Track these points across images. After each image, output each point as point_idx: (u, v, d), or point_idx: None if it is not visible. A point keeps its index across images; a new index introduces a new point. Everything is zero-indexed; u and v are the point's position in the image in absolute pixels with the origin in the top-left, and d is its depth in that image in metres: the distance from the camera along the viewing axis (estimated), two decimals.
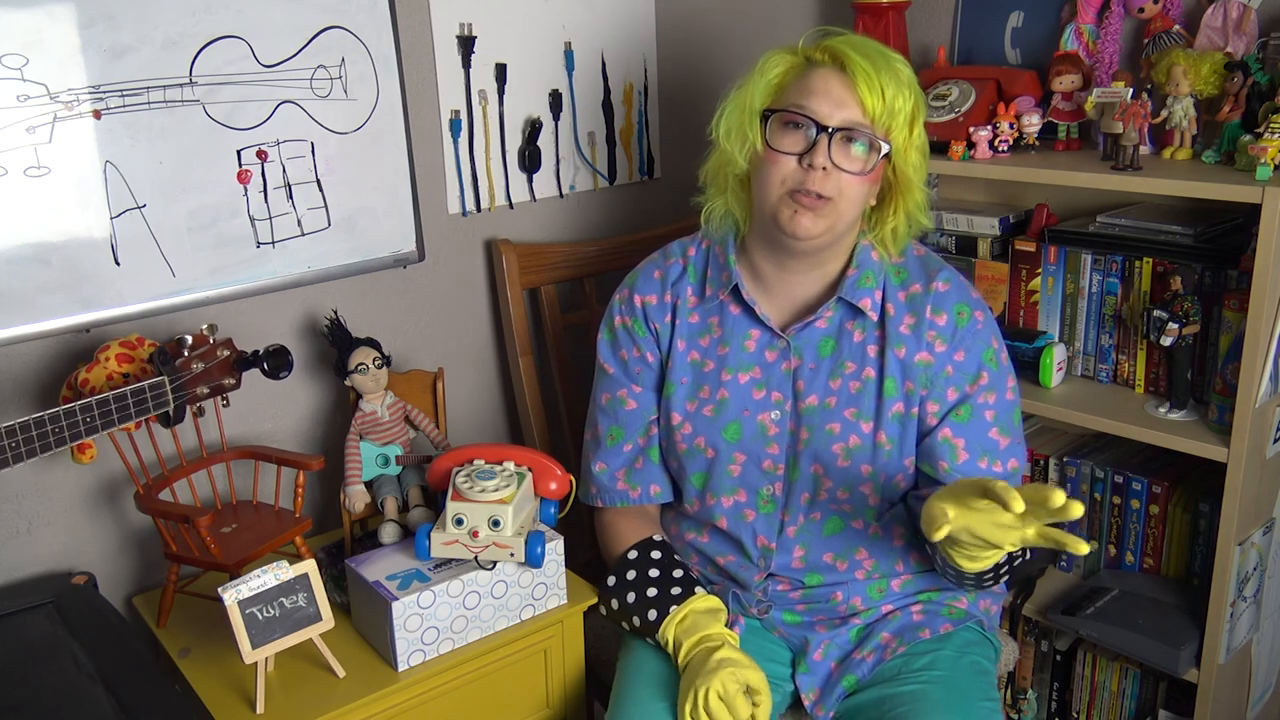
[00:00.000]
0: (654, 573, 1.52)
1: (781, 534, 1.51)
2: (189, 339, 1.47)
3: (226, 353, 1.50)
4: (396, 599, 1.44)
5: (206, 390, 1.48)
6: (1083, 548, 1.15)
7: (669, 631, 1.47)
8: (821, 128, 1.38)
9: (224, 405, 1.54)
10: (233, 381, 1.52)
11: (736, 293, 1.52)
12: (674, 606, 1.48)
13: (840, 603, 1.52)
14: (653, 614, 1.49)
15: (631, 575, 1.53)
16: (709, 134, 1.51)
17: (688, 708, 1.36)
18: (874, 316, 1.48)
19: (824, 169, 1.38)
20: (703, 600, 1.49)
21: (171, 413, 1.43)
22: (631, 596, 1.52)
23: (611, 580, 1.55)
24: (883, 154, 1.41)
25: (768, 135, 1.42)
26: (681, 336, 1.56)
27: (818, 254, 1.47)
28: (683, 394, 1.55)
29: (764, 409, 1.50)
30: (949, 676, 1.45)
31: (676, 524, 1.63)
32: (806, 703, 1.50)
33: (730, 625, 1.52)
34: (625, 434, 1.60)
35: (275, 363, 1.51)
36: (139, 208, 1.58)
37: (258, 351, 1.52)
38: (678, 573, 1.52)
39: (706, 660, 1.39)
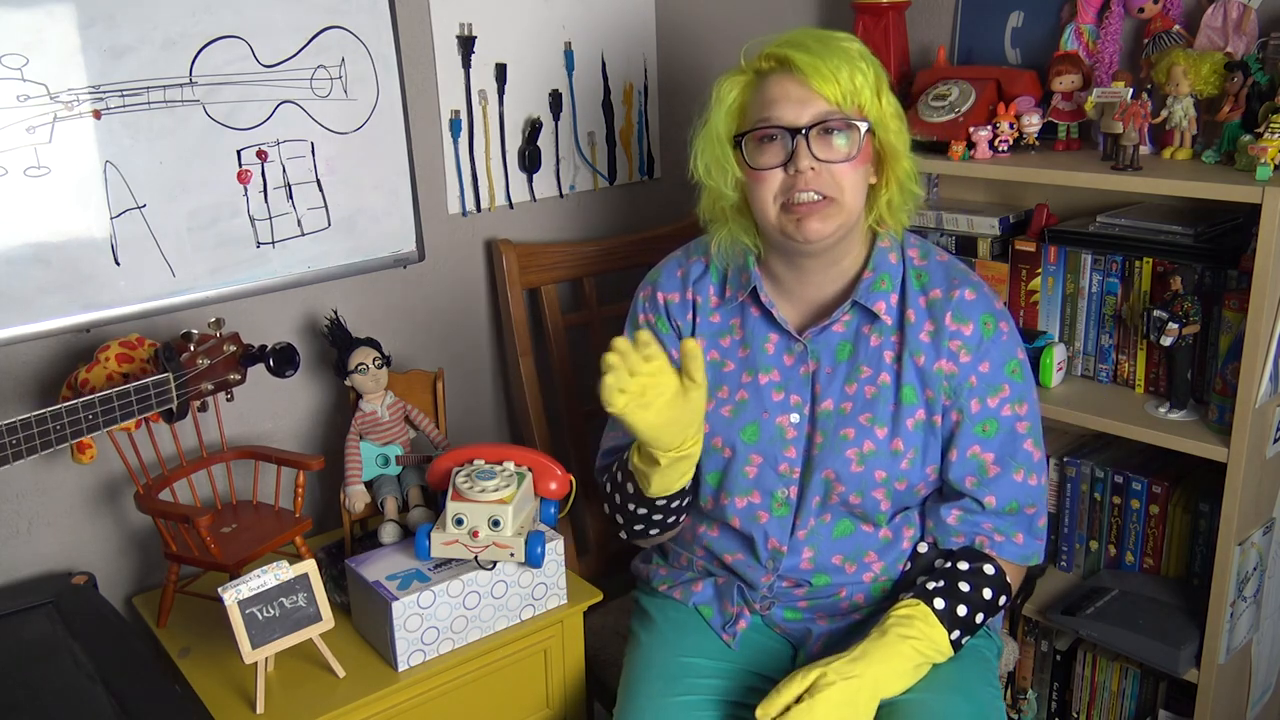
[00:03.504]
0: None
1: (792, 536, 1.50)
2: (195, 334, 1.47)
3: (233, 348, 1.50)
4: (396, 599, 1.45)
5: (211, 386, 1.48)
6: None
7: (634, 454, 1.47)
8: (794, 131, 1.36)
9: (228, 400, 1.54)
10: (238, 377, 1.51)
11: (756, 295, 1.51)
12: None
13: (843, 599, 1.52)
14: (629, 459, 1.49)
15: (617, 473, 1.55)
16: (690, 176, 1.49)
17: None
18: (889, 321, 1.47)
19: (812, 169, 1.36)
20: None
21: (175, 409, 1.43)
22: (614, 478, 1.55)
23: (604, 485, 1.59)
24: (864, 131, 1.38)
25: (746, 158, 1.41)
26: (701, 335, 1.55)
27: (832, 251, 1.45)
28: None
29: (783, 411, 1.49)
30: (951, 663, 1.44)
31: (688, 515, 1.62)
32: None
33: (735, 619, 1.53)
34: None
35: (282, 361, 1.51)
36: (139, 208, 1.58)
37: (265, 346, 1.52)
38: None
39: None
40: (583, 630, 1.66)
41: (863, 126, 1.38)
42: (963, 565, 1.46)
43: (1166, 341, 1.72)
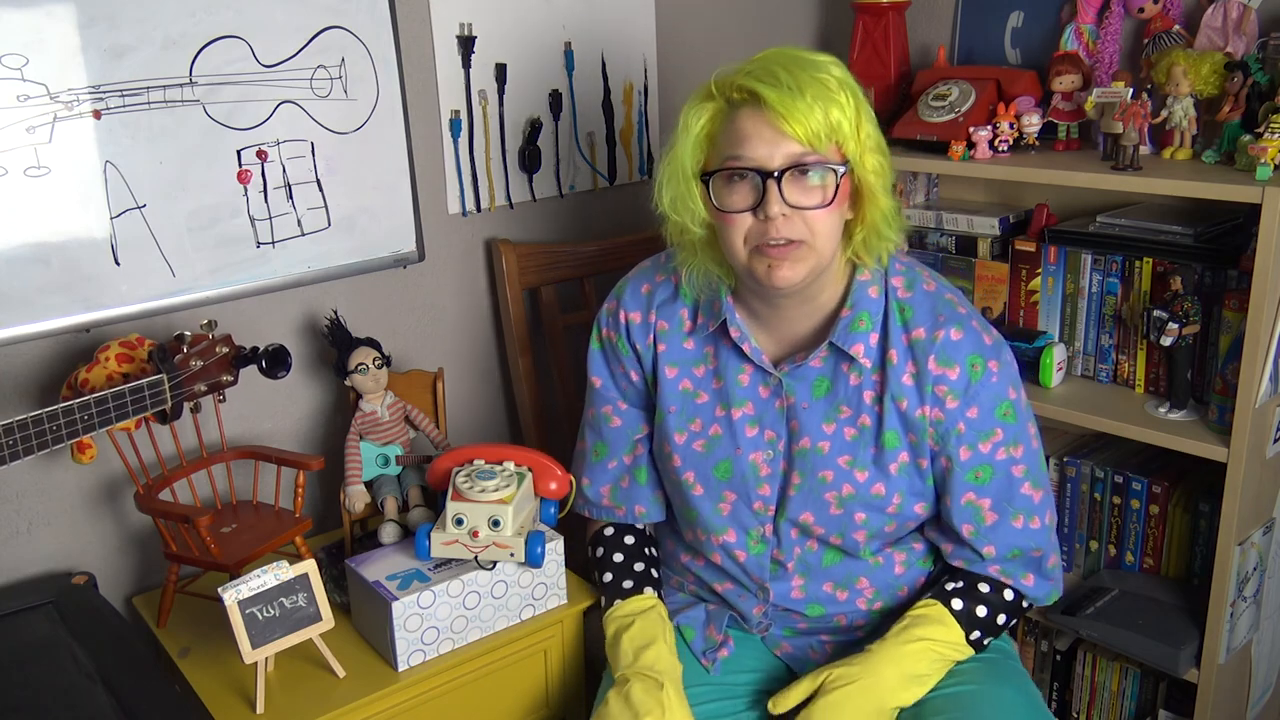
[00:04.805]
0: (618, 557, 1.54)
1: (779, 568, 1.48)
2: (188, 335, 1.47)
3: (225, 350, 1.50)
4: (396, 599, 1.45)
5: (204, 388, 1.48)
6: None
7: (609, 625, 1.49)
8: (765, 174, 1.26)
9: (221, 401, 1.54)
10: (230, 379, 1.51)
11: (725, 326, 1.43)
12: (618, 600, 1.50)
13: (843, 623, 1.51)
14: (601, 600, 1.52)
15: (600, 552, 1.57)
16: (653, 204, 1.39)
17: None
18: (867, 363, 1.38)
19: (784, 215, 1.27)
20: (646, 600, 1.49)
21: (169, 410, 1.43)
22: (595, 574, 1.56)
23: (588, 551, 1.60)
24: (841, 173, 1.29)
25: (713, 197, 1.31)
26: (671, 363, 1.48)
27: (805, 290, 1.36)
28: (672, 423, 1.49)
29: (756, 448, 1.44)
30: (992, 659, 1.45)
31: (673, 540, 1.60)
32: None
33: (719, 646, 1.51)
34: (610, 451, 1.57)
35: (273, 362, 1.51)
36: (139, 208, 1.58)
37: (257, 348, 1.52)
38: (639, 566, 1.53)
39: (642, 697, 1.36)
40: (583, 630, 1.66)
41: (839, 170, 1.28)
42: None
43: (1166, 341, 1.72)
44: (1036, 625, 2.06)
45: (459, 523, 1.49)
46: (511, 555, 1.50)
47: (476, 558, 1.50)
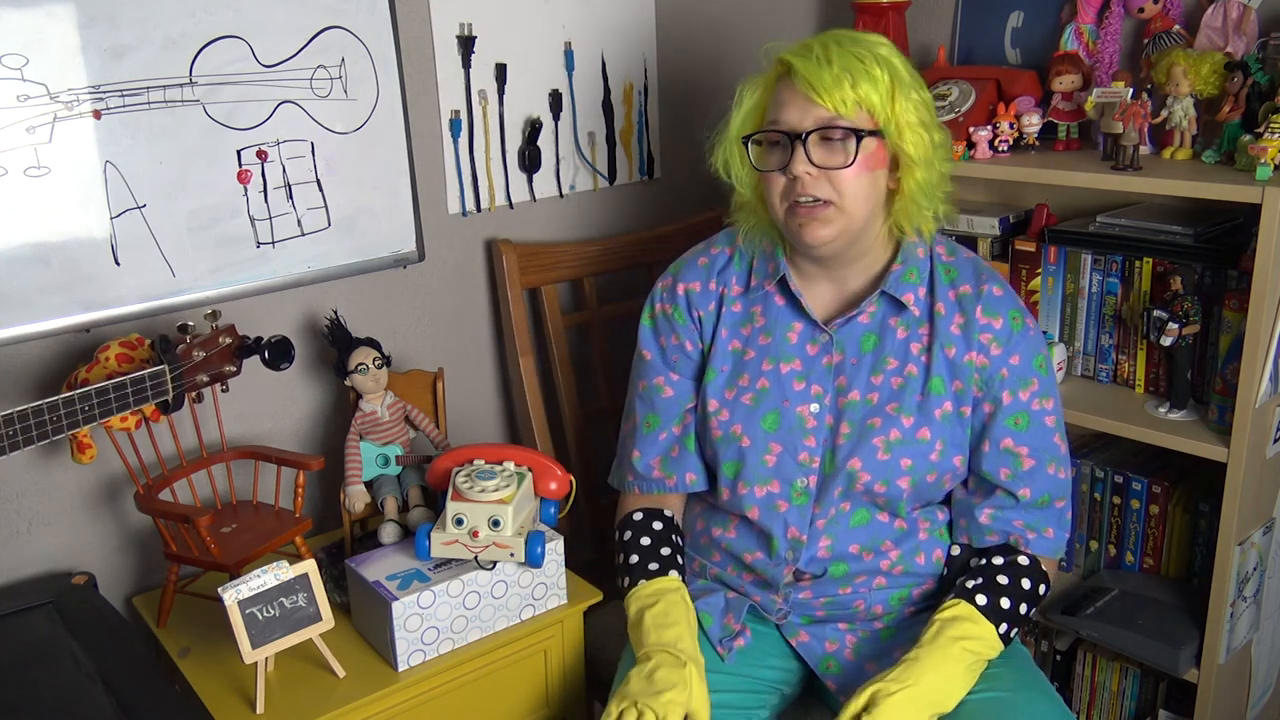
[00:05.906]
0: (645, 541, 1.54)
1: (811, 525, 1.50)
2: (191, 325, 1.47)
3: (228, 340, 1.50)
4: (396, 599, 1.45)
5: (206, 378, 1.48)
6: None
7: (632, 604, 1.49)
8: (794, 136, 1.38)
9: (223, 391, 1.54)
10: (234, 369, 1.51)
11: (783, 284, 1.52)
12: (643, 580, 1.50)
13: (861, 610, 1.52)
14: (625, 581, 1.52)
15: (628, 535, 1.56)
16: (710, 168, 1.51)
17: (618, 711, 1.36)
18: (917, 312, 1.48)
19: (809, 174, 1.38)
20: (670, 581, 1.50)
21: (170, 400, 1.43)
22: (620, 557, 1.56)
23: (615, 534, 1.59)
24: (865, 138, 1.37)
25: (754, 159, 1.45)
26: (725, 325, 1.56)
27: (844, 254, 1.46)
28: (721, 381, 1.54)
29: (803, 401, 1.49)
30: (1018, 663, 1.47)
31: (703, 519, 1.61)
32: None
33: (735, 635, 1.51)
34: (661, 422, 1.59)
35: (277, 354, 1.51)
36: (139, 208, 1.58)
37: (260, 339, 1.52)
38: (665, 550, 1.54)
39: (665, 674, 1.37)
40: (583, 630, 1.66)
41: (861, 134, 1.37)
42: (998, 560, 1.48)
43: (1166, 341, 1.72)
44: (1036, 625, 2.06)
45: (459, 523, 1.49)
46: (511, 555, 1.50)
47: (476, 558, 1.50)
